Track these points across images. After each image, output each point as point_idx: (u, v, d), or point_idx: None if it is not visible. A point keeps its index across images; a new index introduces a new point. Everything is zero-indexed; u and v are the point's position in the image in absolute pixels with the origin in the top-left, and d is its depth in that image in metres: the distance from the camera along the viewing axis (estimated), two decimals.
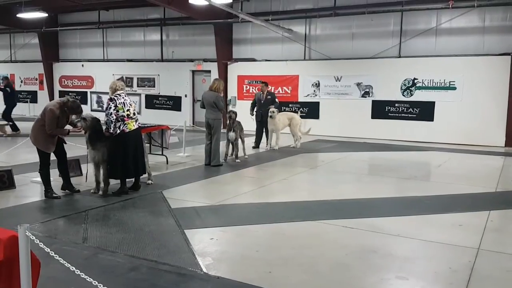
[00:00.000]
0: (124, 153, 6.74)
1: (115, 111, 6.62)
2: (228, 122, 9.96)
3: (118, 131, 6.65)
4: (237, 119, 10.09)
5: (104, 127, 6.82)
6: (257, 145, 12.21)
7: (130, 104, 6.79)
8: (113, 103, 6.64)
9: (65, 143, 6.82)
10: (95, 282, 2.77)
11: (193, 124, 17.66)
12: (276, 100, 12.37)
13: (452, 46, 13.83)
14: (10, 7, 17.75)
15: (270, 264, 4.35)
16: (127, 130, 6.69)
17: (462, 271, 4.23)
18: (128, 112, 6.71)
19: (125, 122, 6.67)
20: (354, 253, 4.65)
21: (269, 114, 11.72)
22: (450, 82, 13.79)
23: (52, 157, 6.70)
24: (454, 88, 13.75)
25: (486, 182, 8.26)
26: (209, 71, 17.70)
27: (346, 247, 4.82)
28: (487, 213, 6.14)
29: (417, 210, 6.35)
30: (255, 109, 12.28)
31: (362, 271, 4.24)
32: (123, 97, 6.74)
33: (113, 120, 6.63)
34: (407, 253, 4.71)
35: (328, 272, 4.23)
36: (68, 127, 6.71)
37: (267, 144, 12.10)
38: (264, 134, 12.35)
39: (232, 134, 9.92)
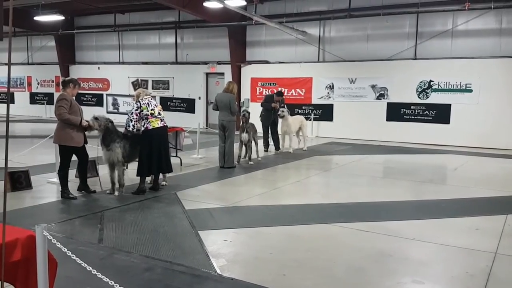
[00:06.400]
0: (148, 149, 6.99)
1: (136, 111, 7.00)
2: (241, 123, 9.95)
3: (143, 129, 7.01)
4: (250, 121, 10.09)
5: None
6: (267, 147, 12.14)
7: (155, 105, 7.16)
8: (137, 104, 7.06)
9: (87, 143, 6.87)
10: (111, 282, 2.78)
11: (207, 126, 17.73)
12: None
13: (469, 48, 13.67)
14: (27, 10, 18.05)
15: (284, 266, 4.34)
16: (151, 127, 6.99)
17: (479, 275, 4.17)
18: (153, 112, 7.05)
19: (149, 120, 6.99)
20: (369, 257, 4.61)
21: (281, 113, 11.58)
22: (466, 84, 13.63)
23: (73, 158, 6.76)
24: (471, 91, 13.58)
25: (503, 186, 8.13)
26: (222, 74, 17.77)
27: (361, 251, 4.78)
28: (505, 217, 6.05)
29: (433, 214, 6.28)
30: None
31: (378, 274, 4.20)
32: (148, 100, 7.14)
33: (132, 119, 6.99)
34: (423, 257, 4.65)
35: (344, 275, 4.20)
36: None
37: (277, 148, 12.03)
38: (270, 138, 12.19)
39: (245, 136, 9.89)
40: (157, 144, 7.06)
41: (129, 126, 7.01)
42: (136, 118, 7.01)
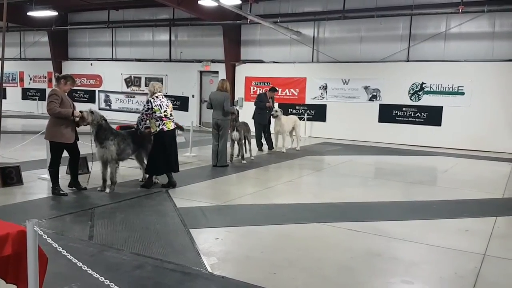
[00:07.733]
0: (162, 149, 7.15)
1: (147, 112, 7.08)
2: (231, 121, 9.88)
3: (158, 129, 7.11)
4: (243, 120, 10.08)
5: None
6: (260, 147, 12.15)
7: (167, 105, 7.23)
8: (148, 105, 7.09)
9: (78, 139, 6.84)
10: (101, 278, 2.78)
11: (200, 124, 17.70)
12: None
13: (461, 51, 13.76)
14: (21, 5, 17.90)
15: (275, 265, 4.35)
16: (166, 129, 7.17)
17: (468, 276, 4.21)
18: (166, 113, 7.16)
19: (164, 121, 7.13)
20: (359, 257, 4.64)
21: (274, 113, 11.61)
22: (458, 87, 13.73)
23: (64, 154, 6.73)
24: (463, 94, 13.68)
25: (493, 188, 8.21)
26: (216, 72, 17.74)
27: (351, 250, 4.81)
28: (494, 219, 6.11)
29: (423, 215, 6.33)
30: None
31: (367, 274, 4.23)
32: (160, 99, 7.19)
33: (143, 119, 7.14)
34: (412, 257, 4.69)
35: (333, 275, 4.22)
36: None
37: (270, 148, 12.05)
38: (263, 138, 12.20)
39: (235, 134, 9.87)
40: (169, 145, 7.26)
41: (141, 126, 7.17)
42: (146, 119, 7.15)
